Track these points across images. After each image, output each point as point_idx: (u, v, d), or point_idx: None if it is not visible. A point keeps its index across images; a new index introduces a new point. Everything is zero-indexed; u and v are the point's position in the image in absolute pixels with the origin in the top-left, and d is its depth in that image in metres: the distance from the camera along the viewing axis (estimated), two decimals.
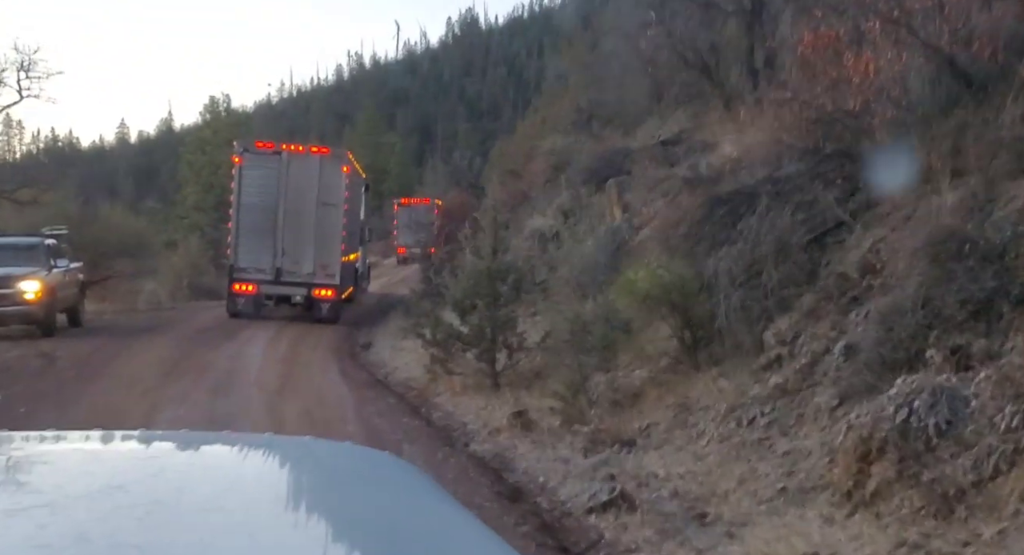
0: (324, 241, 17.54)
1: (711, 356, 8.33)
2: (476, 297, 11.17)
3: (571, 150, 21.77)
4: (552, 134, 30.68)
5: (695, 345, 8.43)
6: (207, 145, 36.06)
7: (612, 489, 6.31)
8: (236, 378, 11.28)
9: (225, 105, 36.49)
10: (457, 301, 11.32)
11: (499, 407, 9.88)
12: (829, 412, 6.42)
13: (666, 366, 8.73)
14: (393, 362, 13.56)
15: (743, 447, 6.71)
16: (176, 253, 24.88)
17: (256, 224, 17.39)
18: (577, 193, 14.97)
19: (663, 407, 8.14)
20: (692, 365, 8.36)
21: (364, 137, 68.95)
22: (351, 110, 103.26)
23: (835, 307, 7.27)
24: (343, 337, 16.83)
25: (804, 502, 5.74)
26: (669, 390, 8.39)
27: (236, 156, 17.90)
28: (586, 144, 21.49)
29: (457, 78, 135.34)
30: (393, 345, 15.00)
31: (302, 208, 17.41)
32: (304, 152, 18.17)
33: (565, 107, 32.25)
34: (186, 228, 34.53)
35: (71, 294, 15.29)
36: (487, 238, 11.42)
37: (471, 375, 11.24)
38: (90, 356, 12.41)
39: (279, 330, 16.72)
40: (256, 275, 17.48)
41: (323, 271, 17.59)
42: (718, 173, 10.60)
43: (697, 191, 10.28)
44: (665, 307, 8.46)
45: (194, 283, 23.72)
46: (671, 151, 13.62)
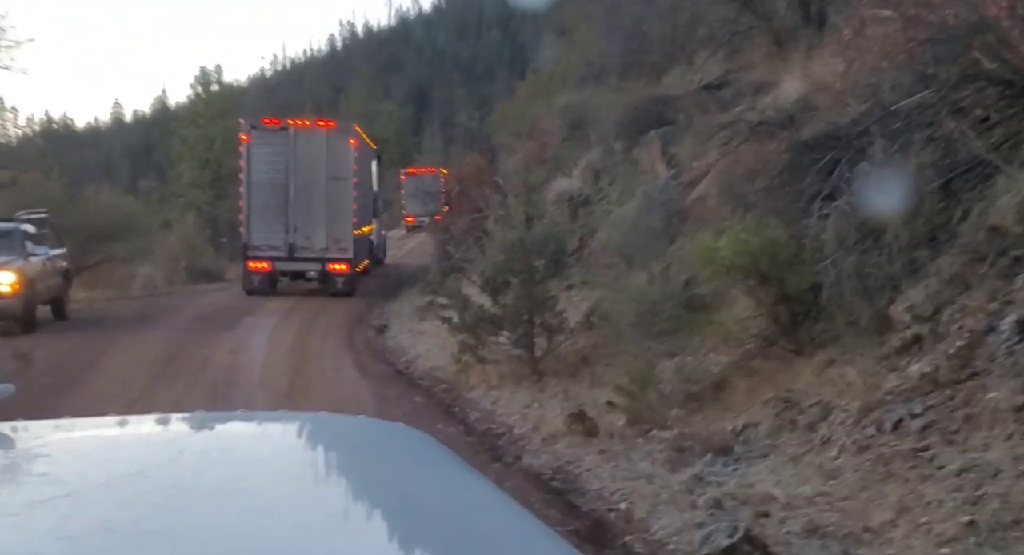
0: (335, 215, 17.38)
1: (815, 337, 6.72)
2: (509, 273, 9.55)
3: (588, 105, 20.01)
4: (562, 91, 28.93)
5: (794, 323, 6.82)
6: (200, 118, 34.25)
7: (733, 528, 4.73)
8: (238, 378, 9.70)
9: (217, 76, 34.62)
10: (488, 279, 9.70)
11: (547, 403, 8.31)
12: (1014, 412, 4.82)
13: (755, 349, 7.13)
14: (414, 348, 11.98)
15: (893, 461, 5.10)
16: (172, 234, 23.23)
17: (267, 201, 17.32)
18: (609, 150, 13.26)
19: (759, 403, 6.54)
20: (792, 348, 6.75)
21: (361, 106, 66.74)
22: (345, 81, 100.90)
23: (992, 271, 5.63)
24: (355, 320, 15.26)
25: (1009, 544, 4.17)
26: (763, 380, 6.79)
27: (243, 134, 17.73)
28: (606, 97, 19.74)
29: (451, 43, 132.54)
30: (411, 328, 13.42)
31: (312, 183, 17.28)
32: (311, 127, 17.98)
33: (574, 62, 30.41)
34: (183, 207, 32.86)
35: (53, 284, 13.67)
36: (518, 204, 9.78)
37: (506, 363, 9.67)
38: (72, 355, 10.82)
39: (284, 315, 15.15)
40: (270, 252, 17.40)
41: (336, 245, 17.46)
42: (789, 115, 8.90)
43: (774, 137, 8.59)
44: (753, 278, 6.84)
45: (191, 265, 22.10)
46: (717, 96, 11.89)
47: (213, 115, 33.93)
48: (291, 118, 18.94)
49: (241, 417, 2.10)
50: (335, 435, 1.81)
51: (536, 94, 34.54)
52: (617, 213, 11.47)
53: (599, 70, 26.36)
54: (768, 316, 6.90)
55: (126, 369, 9.88)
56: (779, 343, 6.89)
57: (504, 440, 7.36)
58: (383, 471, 1.57)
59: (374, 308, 16.92)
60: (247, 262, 17.70)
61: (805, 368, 6.53)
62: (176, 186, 34.86)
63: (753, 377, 6.91)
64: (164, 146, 42.51)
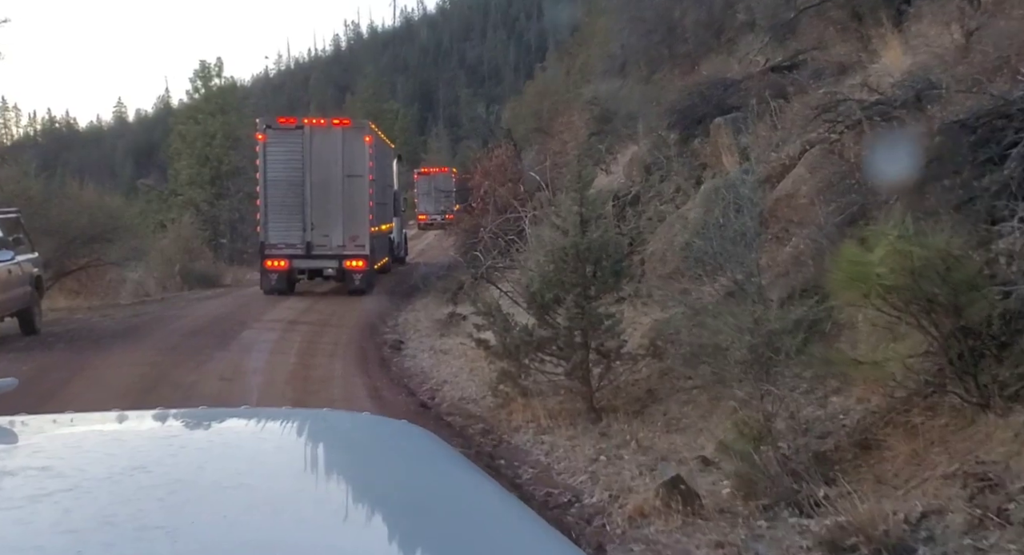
0: (352, 213, 17.23)
1: (1006, 384, 4.88)
2: (560, 287, 7.71)
3: (618, 97, 18.23)
4: (585, 84, 27.12)
5: (973, 365, 4.97)
6: (199, 113, 32.36)
7: None
8: None
9: (217, 70, 32.73)
10: (535, 293, 7.85)
11: (617, 455, 6.47)
12: None
13: (913, 397, 5.28)
14: (437, 372, 10.15)
15: None
16: (166, 235, 21.37)
17: (284, 200, 17.22)
18: (660, 142, 11.42)
19: (935, 477, 4.69)
20: (974, 399, 4.90)
21: (367, 104, 65.08)
22: (350, 80, 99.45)
23: None
24: (367, 333, 13.45)
25: None
26: (933, 442, 4.94)
27: (259, 133, 17.56)
28: (639, 88, 17.94)
29: (456, 44, 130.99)
30: (433, 346, 11.61)
31: (328, 181, 17.14)
32: (326, 125, 17.84)
33: (594, 55, 28.59)
34: (181, 206, 31.03)
35: (19, 294, 11.80)
36: (571, 203, 7.94)
37: (555, 395, 7.86)
38: (32, 383, 8.95)
39: (287, 329, 13.32)
40: (287, 250, 17.27)
41: (353, 242, 17.31)
42: (915, 93, 7.05)
43: (892, 119, 6.75)
44: (916, 302, 5.00)
45: (187, 269, 20.25)
46: (791, 78, 10.05)
47: (213, 110, 32.08)
48: (306, 117, 18.86)
49: (243, 413, 1.94)
50: (338, 432, 1.81)
51: (553, 91, 32.77)
52: (677, 214, 9.63)
53: (622, 63, 24.59)
54: (939, 353, 5.05)
55: (89, 405, 8.01)
56: (951, 390, 5.05)
57: (574, 516, 5.49)
58: (386, 469, 1.56)
59: (387, 318, 15.10)
60: (264, 261, 17.41)
61: (998, 429, 4.69)
62: (174, 184, 32.99)
63: (914, 436, 5.06)
64: (164, 145, 40.72)
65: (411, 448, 1.72)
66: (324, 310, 15.93)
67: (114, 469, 1.38)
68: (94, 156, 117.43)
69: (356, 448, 1.69)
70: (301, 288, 18.45)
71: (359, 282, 17.55)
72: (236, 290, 20.01)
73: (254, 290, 19.68)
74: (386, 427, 1.91)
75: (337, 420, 1.96)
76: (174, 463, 1.44)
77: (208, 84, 32.51)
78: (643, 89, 17.02)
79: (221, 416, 1.97)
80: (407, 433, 1.85)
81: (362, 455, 1.64)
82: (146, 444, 1.63)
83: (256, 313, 15.10)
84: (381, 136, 20.71)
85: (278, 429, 1.82)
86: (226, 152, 31.19)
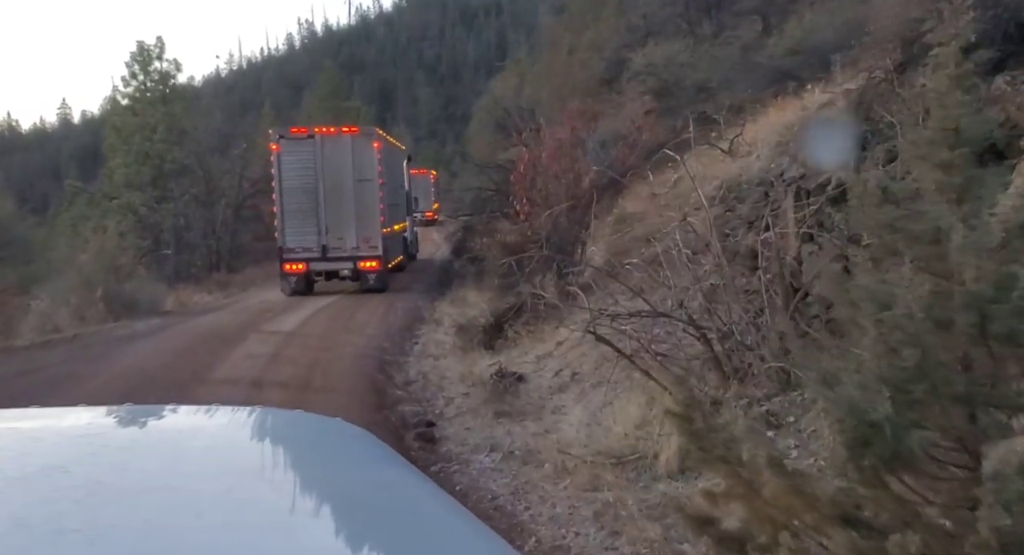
0: (364, 215, 17.68)
1: None
2: (933, 401, 3.09)
3: (683, 64, 13.64)
4: (598, 61, 22.56)
5: None
6: (138, 103, 27.10)
7: None
8: None
9: (158, 51, 27.40)
10: (866, 425, 3.19)
11: None
12: None
13: None
14: (534, 523, 5.41)
15: None
16: (87, 248, 16.25)
17: (299, 206, 17.62)
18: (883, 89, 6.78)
19: None
20: None
21: (326, 102, 59.61)
22: (305, 80, 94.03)
23: None
24: (374, 396, 8.68)
25: None
26: None
27: (273, 144, 17.93)
28: (709, 51, 13.41)
29: (414, 42, 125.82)
30: (492, 440, 6.86)
31: (340, 186, 17.61)
32: (336, 133, 18.28)
33: (604, 30, 24.07)
34: (116, 212, 25.77)
35: None
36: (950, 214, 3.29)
37: None
38: None
39: (256, 386, 8.54)
40: (304, 254, 17.68)
41: (366, 244, 17.76)
42: None
43: None
44: None
45: (112, 293, 15.16)
46: None
47: (154, 99, 26.83)
48: (317, 126, 19.24)
49: (170, 411, 1.85)
50: (270, 430, 1.70)
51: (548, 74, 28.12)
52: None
53: (645, 34, 20.09)
54: None
55: None
56: None
57: None
58: (318, 468, 1.46)
59: (399, 354, 10.37)
60: (283, 265, 17.86)
61: None
62: (108, 186, 27.60)
63: None
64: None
65: (344, 447, 1.64)
66: (314, 343, 11.15)
67: (29, 469, 1.30)
68: (37, 160, 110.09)
69: (287, 447, 1.58)
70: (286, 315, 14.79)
71: (373, 281, 17.85)
72: (179, 321, 15.00)
73: (206, 321, 14.72)
74: (319, 425, 1.81)
75: (269, 418, 1.78)
76: (94, 463, 1.35)
77: (147, 68, 27.17)
78: (725, 51, 12.50)
79: (145, 414, 1.81)
80: (341, 431, 1.76)
81: (293, 454, 1.54)
82: (64, 443, 1.50)
83: (203, 366, 10.23)
84: (390, 140, 21.03)
85: (207, 427, 1.69)
86: (169, 148, 25.97)
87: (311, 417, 1.88)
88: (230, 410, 1.87)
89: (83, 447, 1.46)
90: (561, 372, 8.13)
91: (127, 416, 1.73)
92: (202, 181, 25.27)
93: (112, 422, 1.71)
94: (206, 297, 19.01)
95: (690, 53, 13.36)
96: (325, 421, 1.83)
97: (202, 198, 25.18)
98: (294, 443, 1.61)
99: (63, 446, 1.47)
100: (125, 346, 12.26)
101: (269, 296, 18.98)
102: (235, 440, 1.62)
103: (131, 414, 1.75)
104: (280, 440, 1.63)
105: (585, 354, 8.07)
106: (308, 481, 1.36)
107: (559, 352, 8.66)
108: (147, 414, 1.82)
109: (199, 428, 1.69)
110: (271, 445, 1.60)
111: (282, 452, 1.56)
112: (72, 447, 1.46)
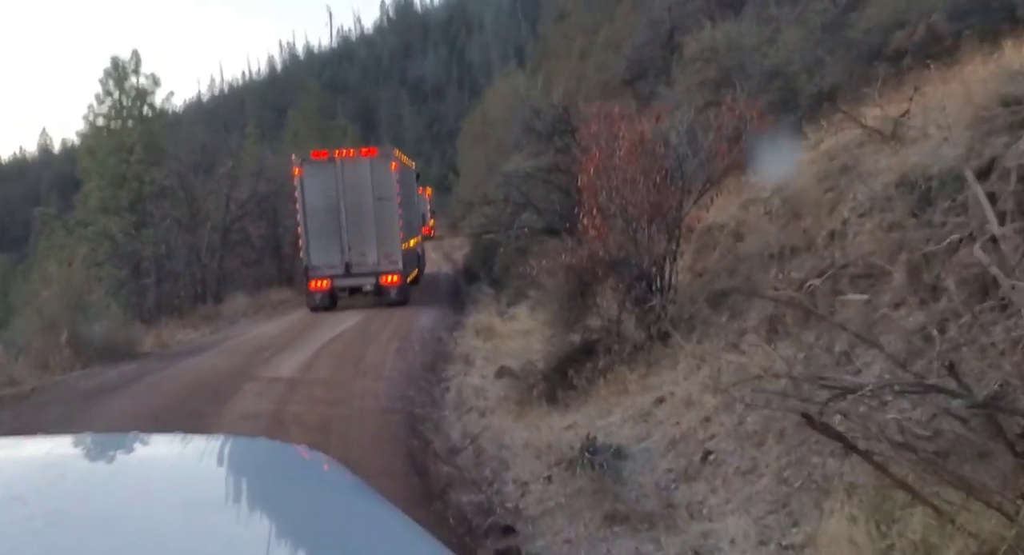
0: (384, 232, 18.08)
1: None
2: None
3: (750, 46, 11.39)
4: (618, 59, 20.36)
5: None
6: (113, 121, 24.65)
7: None
8: None
9: (134, 65, 24.95)
10: None
11: None
12: None
13: None
14: None
15: None
16: (49, 284, 13.75)
17: (322, 225, 17.97)
18: None
19: None
20: None
21: (311, 121, 57.18)
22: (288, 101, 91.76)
23: None
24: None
25: None
26: None
27: (296, 168, 18.28)
28: (781, 31, 11.18)
29: (397, 62, 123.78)
30: None
31: (360, 206, 18.02)
32: (355, 156, 18.72)
33: (621, 28, 21.89)
34: (92, 239, 23.28)
35: None
36: None
37: None
38: None
39: None
40: (328, 271, 18.09)
41: (387, 259, 18.15)
42: None
43: None
44: None
45: (79, 335, 12.70)
46: None
47: (131, 117, 24.41)
48: (337, 150, 19.55)
49: (131, 440, 1.70)
50: (232, 458, 1.62)
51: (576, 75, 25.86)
52: None
53: (670, 28, 17.98)
54: None
55: None
56: None
57: None
58: (283, 497, 1.42)
59: (432, 418, 8.01)
60: (309, 282, 18.27)
61: None
62: (82, 211, 25.07)
63: None
64: None
65: (309, 475, 1.61)
66: (316, 410, 8.76)
67: None
68: (18, 190, 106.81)
69: (251, 476, 1.50)
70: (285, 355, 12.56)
71: (395, 295, 18.20)
72: (159, 366, 12.56)
73: (192, 366, 12.32)
74: (283, 453, 1.76)
75: (232, 446, 1.71)
76: (53, 493, 1.30)
77: (123, 84, 24.73)
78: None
79: (106, 443, 1.73)
80: (306, 459, 1.70)
81: (257, 483, 1.46)
82: (23, 472, 1.43)
83: (202, 414, 7.83)
84: (404, 159, 21.35)
85: (168, 457, 1.62)
86: (148, 169, 23.51)
87: (275, 445, 1.80)
88: (192, 439, 1.74)
89: (42, 476, 1.39)
90: (677, 445, 5.82)
91: (87, 445, 1.65)
92: (184, 203, 22.78)
93: (72, 451, 1.62)
94: (191, 334, 16.54)
95: (755, 35, 11.14)
96: (289, 449, 1.78)
97: (185, 222, 22.70)
98: (258, 472, 1.54)
99: (21, 476, 1.39)
100: (89, 404, 9.83)
101: (262, 330, 16.58)
102: (198, 469, 1.54)
103: (92, 443, 1.67)
104: (244, 469, 1.54)
105: (711, 419, 5.76)
106: (272, 510, 1.30)
107: (663, 414, 6.34)
108: (108, 443, 1.73)
109: (161, 457, 1.61)
110: (234, 474, 1.50)
111: (246, 481, 1.46)
112: (31, 477, 1.39)
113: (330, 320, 16.87)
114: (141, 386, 10.90)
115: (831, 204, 6.53)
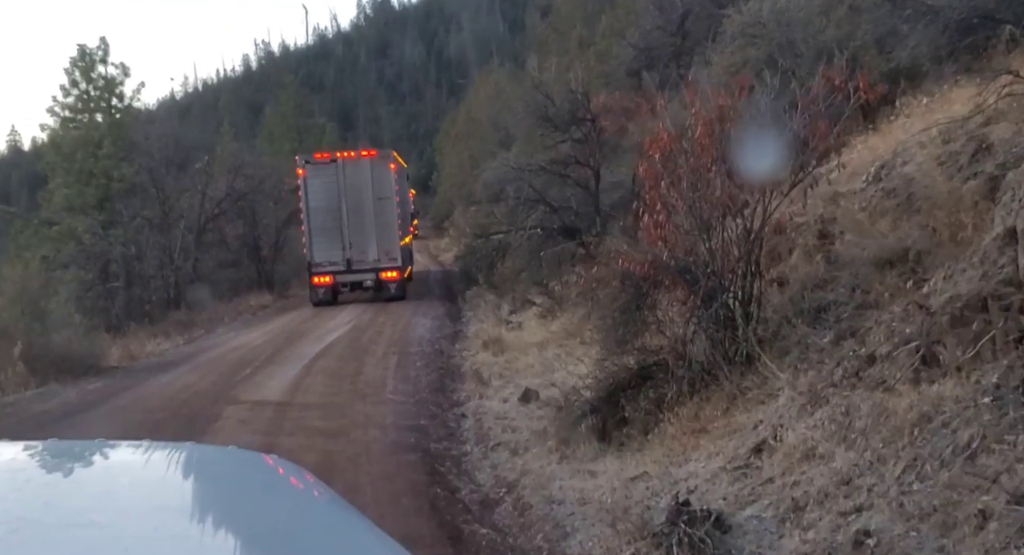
0: (384, 230, 18.66)
1: None
2: None
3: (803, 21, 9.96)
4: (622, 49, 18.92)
5: None
6: (80, 114, 22.85)
7: None
8: None
9: (102, 54, 23.16)
10: None
11: None
12: None
13: None
14: None
15: None
16: (4, 289, 12.02)
17: (325, 224, 18.47)
18: None
19: None
20: None
21: (289, 119, 55.19)
22: (264, 99, 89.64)
23: None
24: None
25: None
26: None
27: (300, 169, 18.75)
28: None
29: (374, 61, 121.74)
30: None
31: (361, 205, 18.59)
32: (356, 157, 19.35)
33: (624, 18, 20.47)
34: (57, 239, 21.52)
35: None
36: None
37: None
38: None
39: None
40: (331, 267, 18.56)
41: (386, 256, 18.71)
42: None
43: None
44: None
45: (35, 349, 11.05)
46: None
47: (99, 109, 22.64)
48: (339, 151, 20.29)
49: (96, 446, 1.63)
50: (200, 466, 1.58)
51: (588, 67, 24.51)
52: None
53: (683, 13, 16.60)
54: None
55: None
56: None
57: None
58: (248, 504, 1.38)
59: (454, 456, 6.53)
60: (312, 278, 18.63)
61: None
62: (47, 209, 23.23)
63: None
64: None
65: (275, 483, 1.55)
66: (312, 445, 7.23)
67: None
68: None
69: (217, 484, 1.48)
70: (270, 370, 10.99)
71: (394, 290, 18.68)
72: (125, 384, 10.94)
73: (163, 385, 10.73)
74: (249, 461, 1.68)
75: (199, 454, 1.65)
76: (17, 499, 1.26)
77: (90, 74, 22.92)
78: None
79: (71, 449, 1.68)
80: (272, 467, 1.64)
81: (222, 491, 1.44)
82: None
83: None
84: (400, 161, 21.43)
85: (134, 463, 1.57)
86: (117, 164, 21.74)
87: (241, 453, 1.71)
88: (158, 446, 1.67)
89: (6, 482, 1.35)
90: (805, 515, 4.36)
91: (52, 452, 1.60)
92: (156, 201, 21.05)
93: (36, 458, 1.55)
94: (163, 344, 14.86)
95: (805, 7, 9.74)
96: (255, 457, 1.71)
97: (156, 221, 20.96)
98: (224, 479, 1.50)
99: None
100: (40, 435, 8.22)
101: (243, 339, 14.97)
102: (163, 477, 1.50)
103: (56, 449, 1.61)
104: (210, 476, 1.51)
105: (854, 483, 4.32)
106: (237, 518, 1.27)
107: (772, 466, 4.89)
108: (72, 449, 1.67)
109: (126, 464, 1.56)
110: (200, 482, 1.47)
111: (211, 488, 1.44)
112: None
113: (318, 328, 15.31)
114: (103, 411, 9.31)
115: (974, 196, 5.12)
